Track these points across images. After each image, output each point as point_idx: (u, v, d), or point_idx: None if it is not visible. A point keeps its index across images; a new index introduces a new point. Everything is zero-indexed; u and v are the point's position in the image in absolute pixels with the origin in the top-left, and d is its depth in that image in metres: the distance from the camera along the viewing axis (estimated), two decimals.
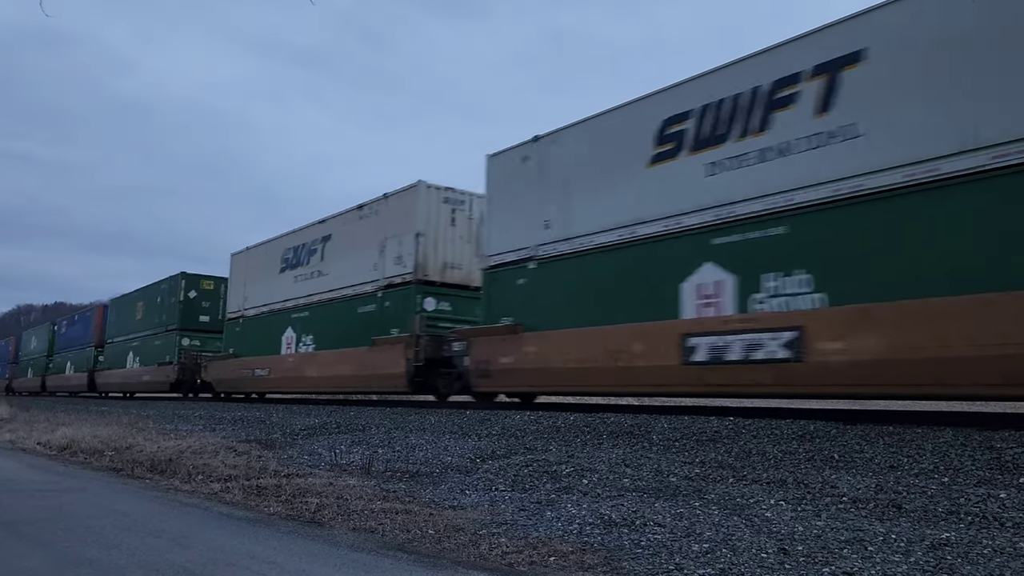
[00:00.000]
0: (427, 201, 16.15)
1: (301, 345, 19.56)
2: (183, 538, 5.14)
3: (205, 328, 27.91)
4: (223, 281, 27.06)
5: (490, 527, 5.29)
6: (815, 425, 7.88)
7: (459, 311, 15.97)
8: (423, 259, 15.97)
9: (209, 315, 28.02)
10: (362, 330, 16.92)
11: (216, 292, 28.03)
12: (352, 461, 8.69)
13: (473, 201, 16.52)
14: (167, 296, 28.91)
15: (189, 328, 27.75)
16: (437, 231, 16.22)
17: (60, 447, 11.59)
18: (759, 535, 4.66)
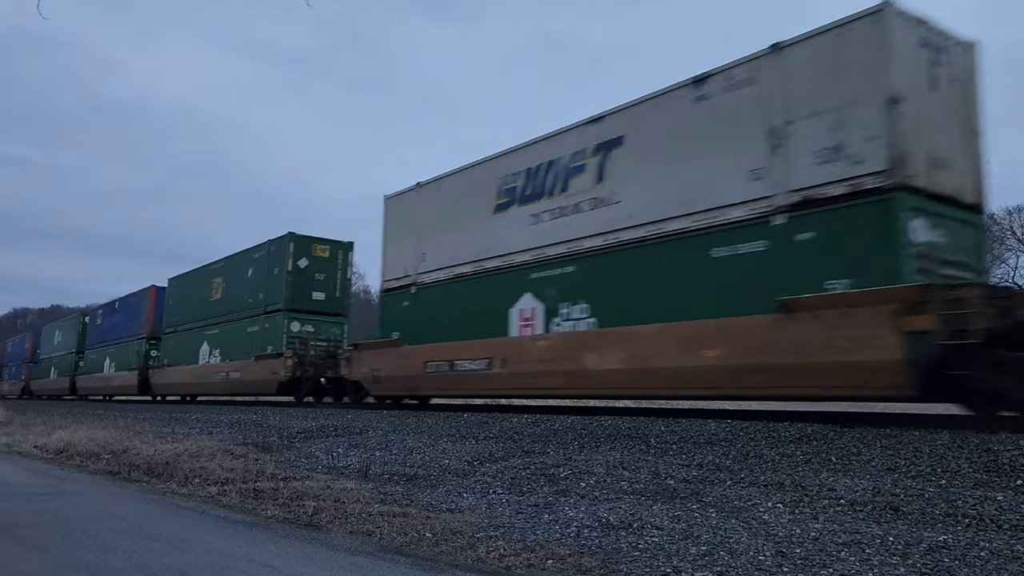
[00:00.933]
0: (903, 40, 8.71)
1: (560, 319, 12.17)
2: (180, 541, 5.13)
3: (317, 309, 21.10)
4: (341, 247, 21.59)
5: (488, 530, 5.28)
6: (812, 428, 7.88)
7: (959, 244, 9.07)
8: (905, 144, 8.42)
9: (325, 291, 21.22)
10: (733, 288, 9.55)
11: (333, 262, 21.50)
12: (349, 464, 8.68)
13: (961, 51, 9.53)
14: (267, 266, 21.62)
15: (299, 309, 20.60)
16: (917, 97, 8.69)
17: (56, 450, 11.56)
18: (756, 538, 4.66)
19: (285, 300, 20.54)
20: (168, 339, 27.97)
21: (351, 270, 22.12)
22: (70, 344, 39.85)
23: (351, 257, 21.90)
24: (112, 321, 34.50)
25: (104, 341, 34.81)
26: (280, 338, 20.35)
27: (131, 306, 32.45)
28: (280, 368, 19.58)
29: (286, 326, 20.43)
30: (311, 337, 20.30)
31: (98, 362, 35.05)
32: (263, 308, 21.46)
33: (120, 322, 33.47)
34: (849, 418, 8.71)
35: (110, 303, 36.27)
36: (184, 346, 26.18)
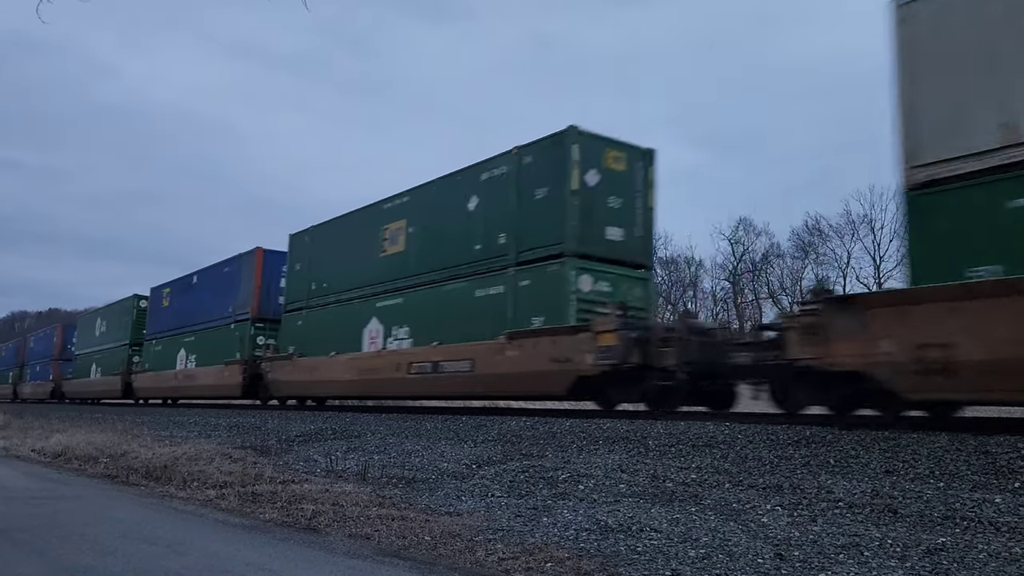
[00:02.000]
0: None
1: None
2: (178, 545, 5.13)
3: (613, 256, 12.79)
4: (641, 157, 13.23)
5: (486, 533, 5.28)
6: (811, 430, 7.89)
7: None
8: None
9: (622, 226, 12.90)
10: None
11: (630, 179, 13.06)
12: (348, 467, 8.67)
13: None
14: (523, 187, 13.11)
15: (590, 255, 12.46)
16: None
17: (55, 454, 11.54)
18: (755, 540, 4.67)
19: (571, 238, 12.04)
20: (294, 319, 19.51)
21: (654, 195, 13.21)
22: (119, 334, 32.39)
23: (653, 175, 13.25)
24: (188, 301, 26.34)
25: (177, 327, 26.81)
26: (565, 304, 11.91)
27: (222, 279, 24.13)
28: (615, 350, 10.71)
29: (573, 282, 11.99)
30: (610, 302, 11.67)
31: (167, 355, 27.10)
32: (514, 256, 12.92)
33: (202, 301, 25.26)
34: (848, 421, 8.71)
35: (183, 277, 27.38)
36: (332, 327, 17.63)
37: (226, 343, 23.19)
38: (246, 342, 22.15)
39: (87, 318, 39.63)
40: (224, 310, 23.89)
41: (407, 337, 15.28)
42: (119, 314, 33.30)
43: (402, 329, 15.43)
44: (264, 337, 22.36)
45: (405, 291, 15.51)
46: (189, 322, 26.26)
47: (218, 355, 23.15)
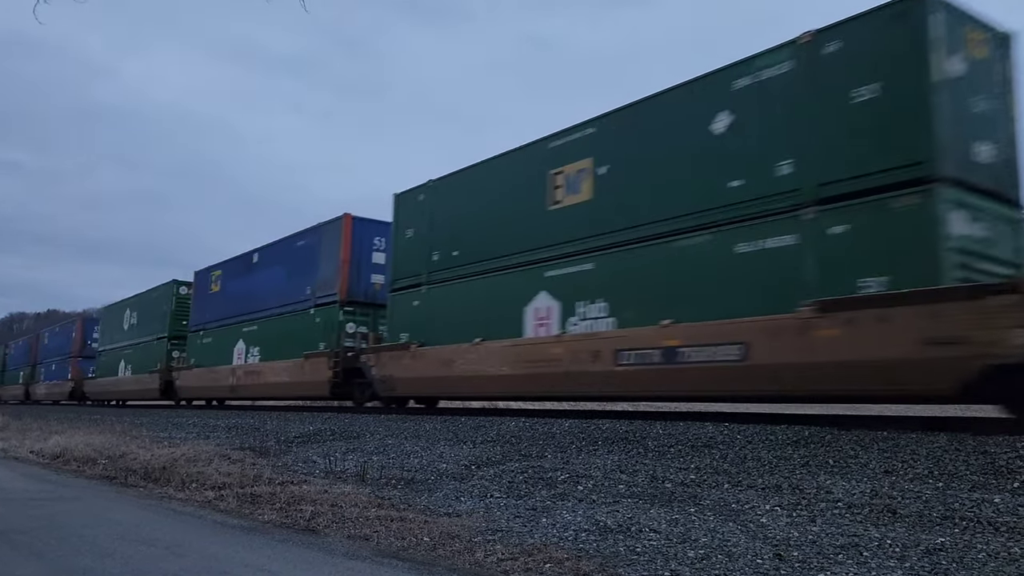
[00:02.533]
0: None
1: None
2: (177, 547, 5.12)
3: (986, 186, 8.45)
4: (1001, 41, 9.05)
5: (485, 534, 5.28)
6: (810, 431, 7.89)
7: None
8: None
9: (992, 139, 8.65)
10: None
11: (990, 69, 8.83)
12: (347, 468, 8.67)
13: None
14: (824, 86, 8.88)
15: (966, 183, 8.14)
16: None
17: (53, 455, 11.53)
18: (754, 541, 4.66)
19: (942, 155, 7.98)
20: (409, 300, 15.29)
21: (1017, 98, 9.16)
22: (155, 326, 28.12)
23: (1013, 70, 9.21)
24: (248, 284, 22.59)
25: (232, 316, 23.00)
26: (933, 255, 7.86)
27: (295, 255, 20.43)
28: None
29: (946, 222, 7.91)
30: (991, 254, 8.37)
31: (220, 349, 23.17)
32: (812, 191, 8.88)
33: (269, 283, 21.43)
34: (847, 421, 8.72)
35: (240, 256, 23.08)
36: (470, 307, 13.79)
37: (303, 332, 18.92)
38: (334, 329, 17.86)
39: (113, 309, 33.86)
40: (300, 292, 19.65)
41: (603, 315, 11.19)
42: (154, 303, 28.67)
43: (594, 305, 11.38)
44: (355, 324, 18.14)
45: (596, 254, 11.44)
46: (249, 309, 22.03)
47: (292, 347, 18.99)
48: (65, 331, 40.96)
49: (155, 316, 28.47)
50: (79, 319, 40.25)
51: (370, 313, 18.00)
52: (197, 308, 25.48)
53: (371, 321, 17.93)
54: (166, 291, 27.96)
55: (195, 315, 25.48)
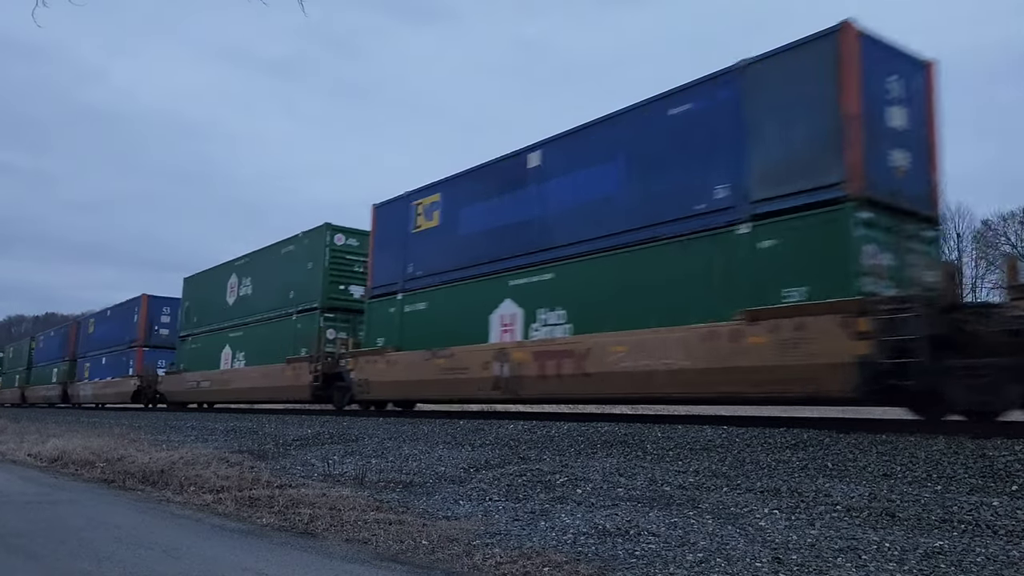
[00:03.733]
0: None
1: None
2: (175, 550, 5.11)
3: None
4: None
5: (484, 537, 5.27)
6: (808, 434, 7.89)
7: None
8: None
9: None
10: None
11: None
12: (345, 472, 8.66)
13: None
14: None
15: None
16: None
17: (51, 458, 11.51)
18: (753, 544, 4.66)
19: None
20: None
21: None
22: (292, 294, 19.48)
23: None
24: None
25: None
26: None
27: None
28: None
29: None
30: None
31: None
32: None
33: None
34: (845, 424, 8.72)
35: (472, 170, 14.40)
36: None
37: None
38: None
39: (202, 279, 25.20)
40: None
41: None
42: (288, 262, 19.78)
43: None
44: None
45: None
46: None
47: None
48: (122, 314, 31.72)
49: (292, 279, 19.50)
50: (144, 296, 30.00)
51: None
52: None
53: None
54: (312, 242, 18.98)
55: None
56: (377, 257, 16.49)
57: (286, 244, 20.34)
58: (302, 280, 19.07)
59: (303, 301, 18.98)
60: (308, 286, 18.90)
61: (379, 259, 16.39)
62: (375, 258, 16.57)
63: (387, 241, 16.24)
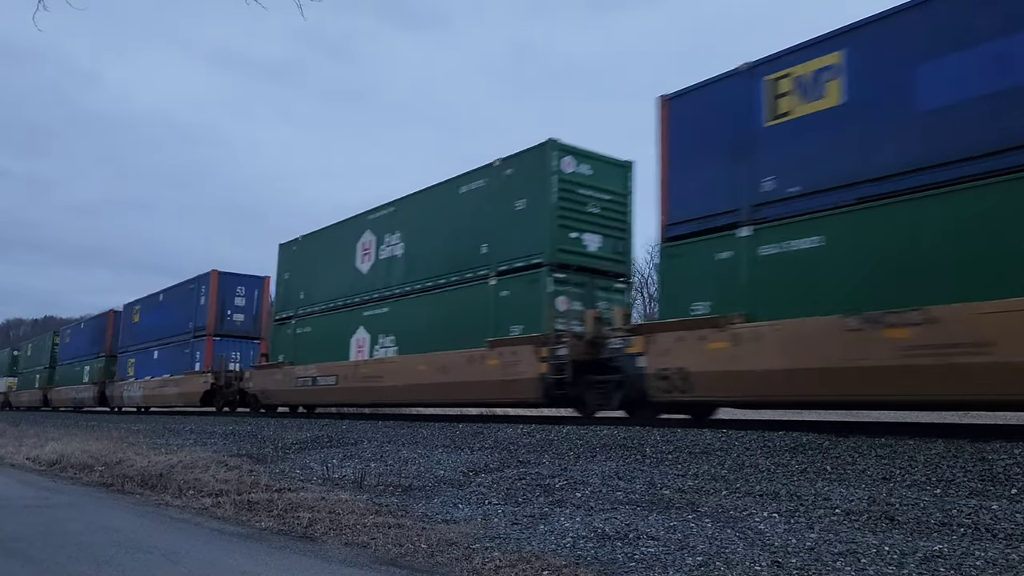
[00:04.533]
0: None
1: None
2: (173, 554, 5.10)
3: None
4: None
5: (483, 541, 5.27)
6: (807, 437, 7.89)
7: None
8: None
9: None
10: None
11: None
12: (344, 475, 8.65)
13: None
14: None
15: None
16: None
17: (49, 462, 11.50)
18: (752, 548, 4.66)
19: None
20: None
21: None
22: (453, 254, 15.12)
23: None
24: None
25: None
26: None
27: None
28: None
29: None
30: None
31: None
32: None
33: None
34: (844, 427, 8.72)
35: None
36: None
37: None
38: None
39: (316, 240, 19.95)
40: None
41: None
42: (490, 199, 14.43)
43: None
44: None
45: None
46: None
47: None
48: (181, 298, 26.00)
49: (486, 226, 14.29)
50: (213, 272, 23.99)
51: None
52: None
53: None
54: (525, 168, 13.73)
55: None
56: None
57: (470, 178, 14.78)
58: (506, 226, 13.60)
59: (511, 256, 13.44)
60: (519, 234, 13.36)
61: None
62: None
63: None
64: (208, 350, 23.83)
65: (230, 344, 24.32)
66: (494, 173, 14.20)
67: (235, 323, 24.59)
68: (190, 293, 25.49)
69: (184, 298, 25.92)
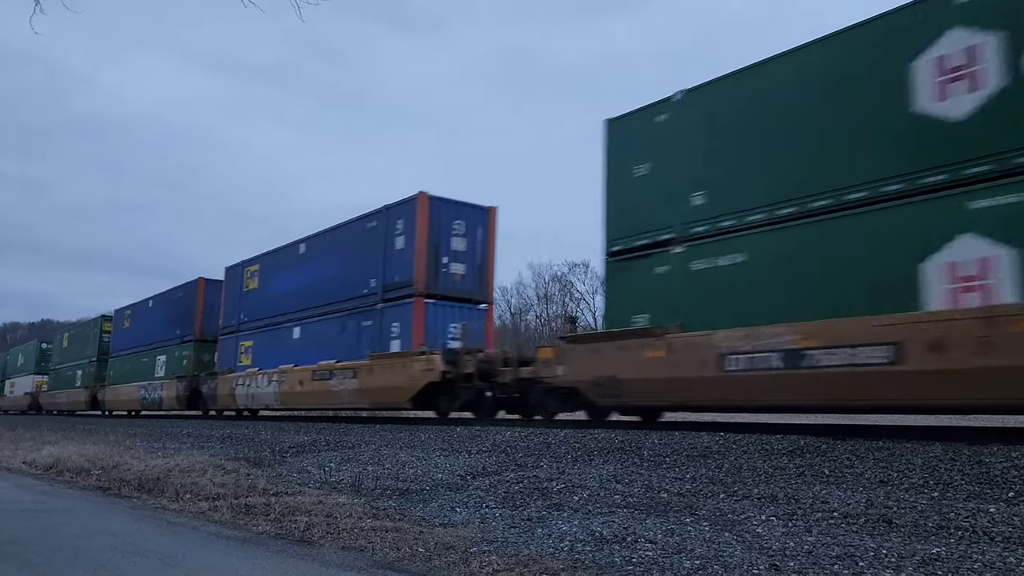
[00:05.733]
0: None
1: None
2: (170, 558, 5.09)
3: None
4: None
5: (481, 544, 5.26)
6: (805, 440, 7.89)
7: None
8: None
9: None
10: None
11: None
12: (342, 479, 8.64)
13: None
14: None
15: None
16: None
17: (46, 466, 11.47)
18: (750, 551, 4.66)
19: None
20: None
21: None
22: None
23: None
24: None
25: None
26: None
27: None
28: None
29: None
30: None
31: None
32: None
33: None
34: (842, 431, 8.73)
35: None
36: None
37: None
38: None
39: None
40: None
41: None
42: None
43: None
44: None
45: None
46: None
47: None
48: (350, 241, 17.64)
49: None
50: (419, 197, 15.64)
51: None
52: None
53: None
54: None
55: None
56: None
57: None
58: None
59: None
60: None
61: None
62: None
63: None
64: (418, 319, 15.25)
65: (447, 311, 15.79)
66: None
67: (452, 279, 15.92)
68: (371, 233, 16.87)
69: (361, 240, 17.17)
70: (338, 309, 17.59)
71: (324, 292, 18.19)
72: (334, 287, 17.85)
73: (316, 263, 18.83)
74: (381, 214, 16.71)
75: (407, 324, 15.44)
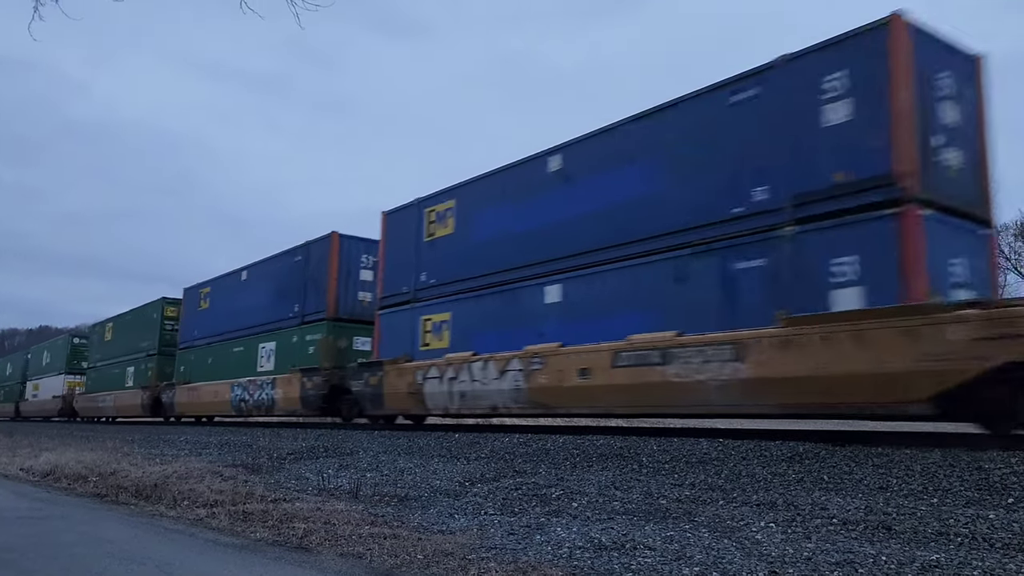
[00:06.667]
0: None
1: None
2: (168, 565, 5.07)
3: None
4: None
5: (479, 552, 5.25)
6: (804, 447, 7.88)
7: None
8: None
9: None
10: None
11: None
12: (340, 485, 8.61)
13: None
14: None
15: None
16: None
17: (43, 473, 11.43)
18: (750, 558, 4.65)
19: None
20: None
21: None
22: None
23: None
24: None
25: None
26: None
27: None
28: None
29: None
30: None
31: None
32: None
33: None
34: (841, 437, 8.72)
35: None
36: None
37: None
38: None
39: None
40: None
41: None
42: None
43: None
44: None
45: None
46: None
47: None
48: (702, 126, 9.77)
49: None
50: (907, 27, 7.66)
51: None
52: None
53: None
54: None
55: None
56: None
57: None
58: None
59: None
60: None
61: None
62: None
63: None
64: (912, 245, 7.78)
65: None
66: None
67: None
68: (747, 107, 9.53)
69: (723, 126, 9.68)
70: (662, 248, 10.08)
71: (633, 217, 10.59)
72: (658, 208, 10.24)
73: (586, 181, 11.57)
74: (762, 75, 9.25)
75: (883, 254, 7.89)
